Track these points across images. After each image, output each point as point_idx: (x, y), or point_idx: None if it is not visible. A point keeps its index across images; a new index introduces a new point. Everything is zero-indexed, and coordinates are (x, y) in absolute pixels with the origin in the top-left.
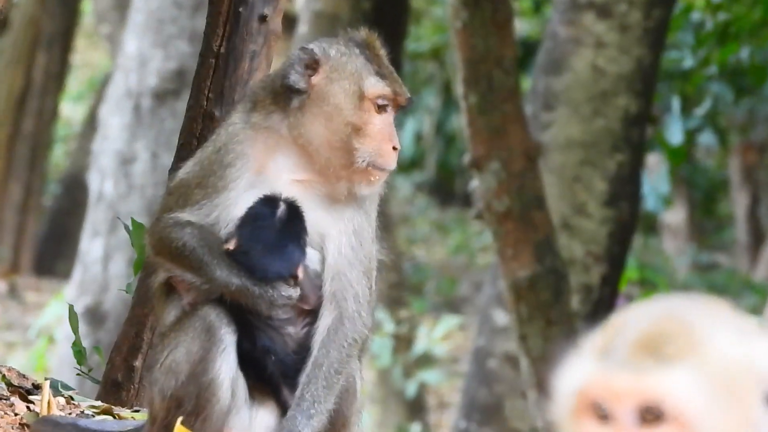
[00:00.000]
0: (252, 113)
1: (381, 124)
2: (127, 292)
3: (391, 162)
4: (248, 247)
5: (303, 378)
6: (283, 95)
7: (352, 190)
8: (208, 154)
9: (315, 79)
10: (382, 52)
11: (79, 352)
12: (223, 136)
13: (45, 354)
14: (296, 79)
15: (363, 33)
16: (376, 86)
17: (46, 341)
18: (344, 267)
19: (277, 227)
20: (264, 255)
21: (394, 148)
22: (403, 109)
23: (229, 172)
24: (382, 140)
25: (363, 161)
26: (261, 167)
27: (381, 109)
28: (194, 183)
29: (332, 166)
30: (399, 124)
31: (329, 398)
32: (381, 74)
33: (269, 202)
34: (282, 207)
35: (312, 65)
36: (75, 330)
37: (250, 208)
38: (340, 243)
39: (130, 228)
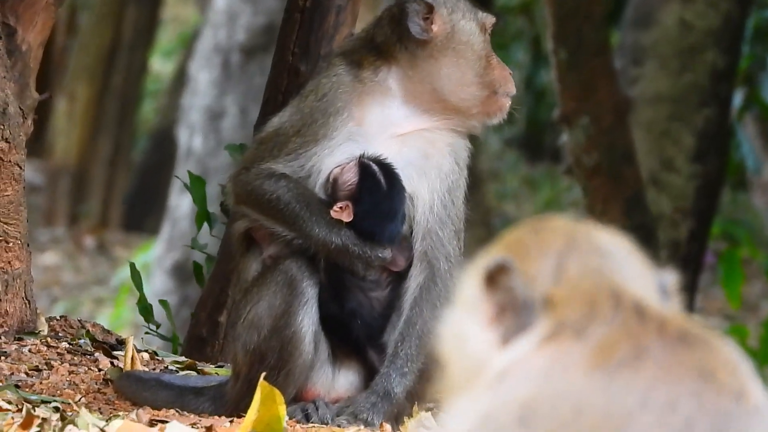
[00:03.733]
0: (357, 68)
1: (492, 52)
2: (192, 248)
3: (513, 87)
4: (364, 213)
5: (396, 336)
6: (390, 51)
7: (482, 123)
8: (310, 103)
9: (435, 27)
10: None
11: (144, 308)
12: (327, 85)
13: (124, 306)
14: (418, 30)
15: None
16: (487, 17)
17: (124, 291)
18: (436, 225)
19: (386, 190)
20: (379, 221)
21: (510, 73)
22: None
23: (332, 120)
24: (500, 67)
25: (500, 86)
26: (362, 120)
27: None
28: (292, 131)
29: (467, 104)
30: None
31: (421, 357)
32: (476, 7)
33: (369, 164)
34: (382, 167)
35: (427, 14)
36: (139, 287)
37: (360, 174)
38: (432, 201)
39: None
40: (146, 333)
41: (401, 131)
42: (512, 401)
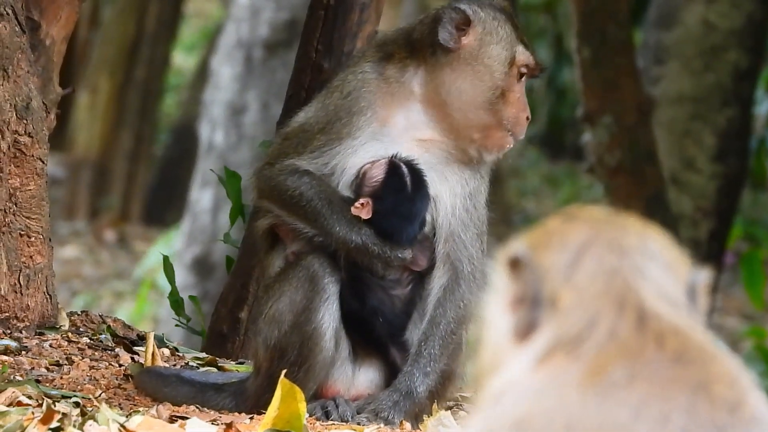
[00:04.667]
0: (385, 65)
1: (519, 92)
2: (225, 242)
3: (523, 132)
4: (384, 212)
5: (420, 335)
6: (422, 51)
7: (479, 154)
8: (335, 100)
9: (466, 40)
10: (518, 22)
11: (176, 302)
12: (352, 83)
13: (146, 299)
14: (446, 37)
15: (498, 1)
16: (524, 54)
17: (147, 286)
18: (458, 228)
19: (409, 192)
20: (399, 220)
21: (527, 118)
22: (532, 79)
23: (355, 120)
24: (520, 108)
25: (507, 123)
26: (386, 120)
27: (521, 77)
28: (317, 128)
29: (469, 126)
30: None
31: (443, 357)
32: (525, 44)
33: (399, 165)
34: (411, 170)
35: (462, 25)
36: (171, 280)
37: (387, 173)
38: (454, 205)
39: (224, 178)
40: (176, 326)
41: (422, 136)
42: (507, 420)
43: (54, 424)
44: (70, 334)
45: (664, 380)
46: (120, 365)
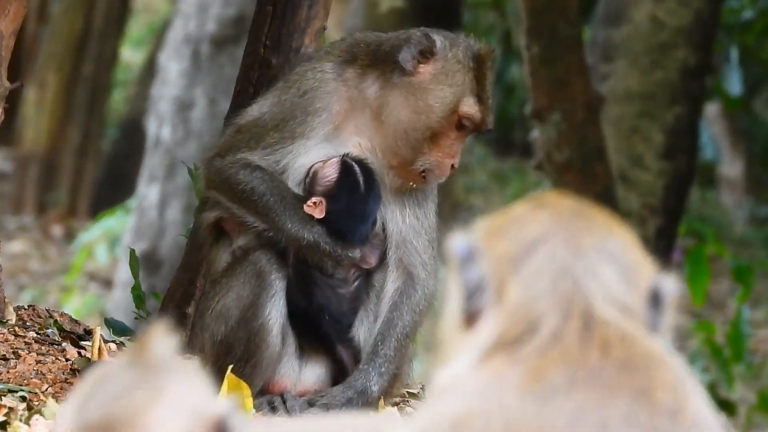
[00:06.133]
0: (347, 68)
1: (454, 140)
2: (186, 237)
3: (443, 177)
4: (338, 212)
5: (376, 336)
6: (384, 64)
7: (395, 181)
8: (291, 97)
9: (423, 68)
10: (491, 72)
11: (138, 297)
12: (310, 81)
13: (81, 267)
14: (406, 58)
15: (482, 45)
16: (471, 108)
17: (84, 255)
18: (410, 235)
19: (363, 193)
20: (353, 220)
21: (452, 167)
22: (478, 135)
23: (310, 120)
24: (447, 155)
25: (421, 166)
26: (339, 124)
27: (461, 127)
28: (271, 125)
29: (391, 152)
30: None
31: (397, 359)
32: (480, 98)
33: (352, 165)
34: (363, 169)
35: (427, 53)
36: (135, 274)
37: (341, 172)
38: (404, 212)
39: (193, 173)
40: (135, 318)
41: (367, 145)
42: (445, 418)
43: (0, 418)
44: (16, 329)
45: (605, 387)
46: (67, 360)
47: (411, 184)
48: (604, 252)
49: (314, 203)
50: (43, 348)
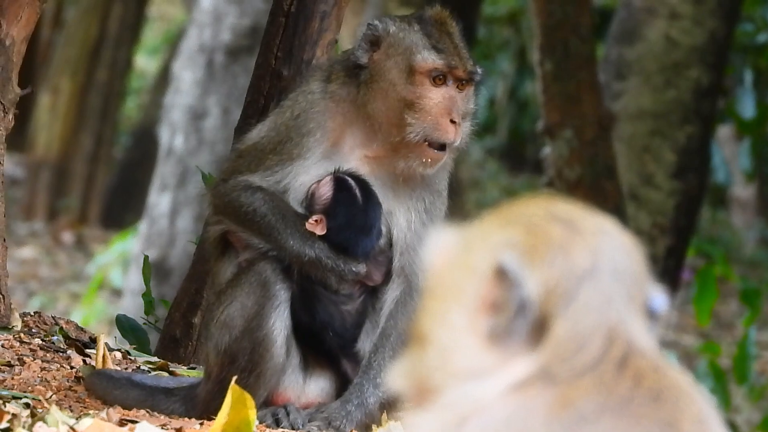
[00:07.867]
0: (328, 84)
1: (438, 97)
2: (196, 244)
3: (450, 136)
4: (339, 227)
5: (371, 347)
6: (353, 70)
7: (412, 170)
8: (285, 120)
9: (376, 55)
10: (452, 28)
11: (149, 303)
12: (301, 103)
13: (95, 296)
14: (359, 54)
15: (434, 9)
16: (426, 60)
17: (99, 280)
18: (415, 242)
19: (361, 204)
20: (353, 234)
21: (453, 122)
22: (473, 82)
23: (305, 141)
24: (438, 114)
25: (416, 136)
26: (336, 140)
27: (438, 82)
28: (269, 148)
29: (392, 142)
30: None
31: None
32: (437, 48)
33: (345, 179)
34: (357, 182)
35: (375, 42)
36: (147, 281)
37: (336, 188)
38: (410, 219)
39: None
40: (144, 324)
41: (370, 153)
42: None
43: (3, 425)
44: (22, 335)
45: (633, 417)
46: (71, 367)
47: (426, 161)
48: (635, 277)
49: (315, 221)
50: (47, 355)
